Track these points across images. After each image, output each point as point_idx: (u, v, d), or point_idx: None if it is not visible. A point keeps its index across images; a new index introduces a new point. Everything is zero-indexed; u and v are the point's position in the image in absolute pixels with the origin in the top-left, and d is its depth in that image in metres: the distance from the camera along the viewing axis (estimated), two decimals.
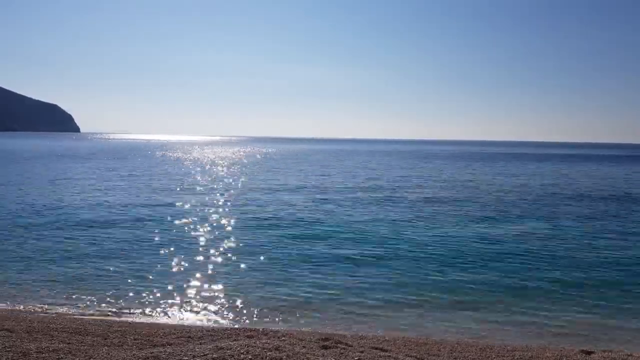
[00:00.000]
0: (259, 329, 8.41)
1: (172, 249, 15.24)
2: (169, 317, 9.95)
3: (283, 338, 7.44)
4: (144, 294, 11.12)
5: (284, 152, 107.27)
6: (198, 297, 11.08)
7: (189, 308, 10.42)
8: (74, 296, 10.95)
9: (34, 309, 10.09)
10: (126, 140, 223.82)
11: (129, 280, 12.05)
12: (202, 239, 16.72)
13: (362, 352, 6.88)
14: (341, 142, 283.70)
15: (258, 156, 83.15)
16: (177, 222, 19.61)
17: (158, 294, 11.15)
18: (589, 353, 7.76)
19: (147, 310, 10.24)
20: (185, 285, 11.78)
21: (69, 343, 6.96)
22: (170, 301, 10.78)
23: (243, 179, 38.97)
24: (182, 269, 13.14)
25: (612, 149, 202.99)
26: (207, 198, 27.35)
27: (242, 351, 6.28)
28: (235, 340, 7.27)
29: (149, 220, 19.88)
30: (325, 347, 6.96)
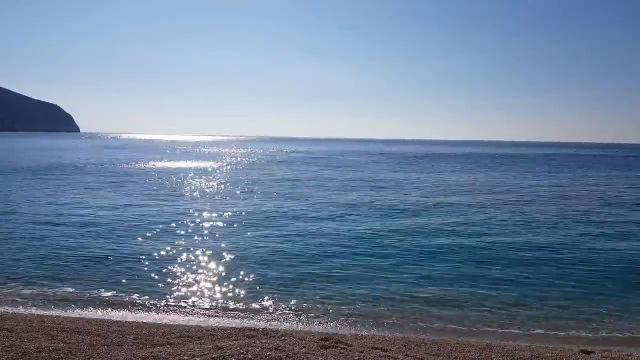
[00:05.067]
0: (259, 329, 8.39)
1: (172, 249, 15.24)
2: (169, 317, 9.94)
3: (283, 338, 7.44)
4: (143, 294, 11.11)
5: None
6: (198, 297, 11.07)
7: (189, 308, 10.42)
8: (73, 296, 10.95)
9: (34, 309, 10.09)
10: (138, 139, 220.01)
11: (129, 280, 12.05)
12: (202, 239, 16.72)
13: (362, 352, 6.88)
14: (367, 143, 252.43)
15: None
16: (177, 223, 19.61)
17: (158, 294, 11.14)
18: (589, 353, 7.76)
19: (147, 311, 10.24)
20: (185, 286, 11.78)
21: (68, 343, 6.97)
22: (170, 301, 10.78)
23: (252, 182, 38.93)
24: (182, 269, 13.13)
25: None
26: (207, 199, 27.34)
27: (242, 351, 6.28)
28: (235, 340, 7.27)
29: (150, 222, 19.88)
30: (325, 347, 6.97)
